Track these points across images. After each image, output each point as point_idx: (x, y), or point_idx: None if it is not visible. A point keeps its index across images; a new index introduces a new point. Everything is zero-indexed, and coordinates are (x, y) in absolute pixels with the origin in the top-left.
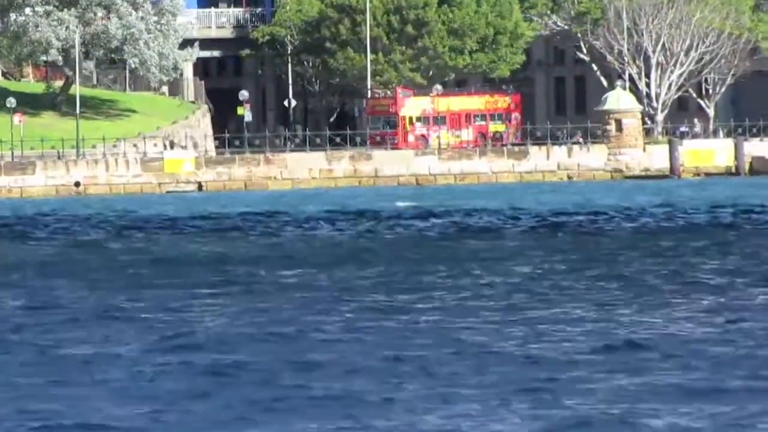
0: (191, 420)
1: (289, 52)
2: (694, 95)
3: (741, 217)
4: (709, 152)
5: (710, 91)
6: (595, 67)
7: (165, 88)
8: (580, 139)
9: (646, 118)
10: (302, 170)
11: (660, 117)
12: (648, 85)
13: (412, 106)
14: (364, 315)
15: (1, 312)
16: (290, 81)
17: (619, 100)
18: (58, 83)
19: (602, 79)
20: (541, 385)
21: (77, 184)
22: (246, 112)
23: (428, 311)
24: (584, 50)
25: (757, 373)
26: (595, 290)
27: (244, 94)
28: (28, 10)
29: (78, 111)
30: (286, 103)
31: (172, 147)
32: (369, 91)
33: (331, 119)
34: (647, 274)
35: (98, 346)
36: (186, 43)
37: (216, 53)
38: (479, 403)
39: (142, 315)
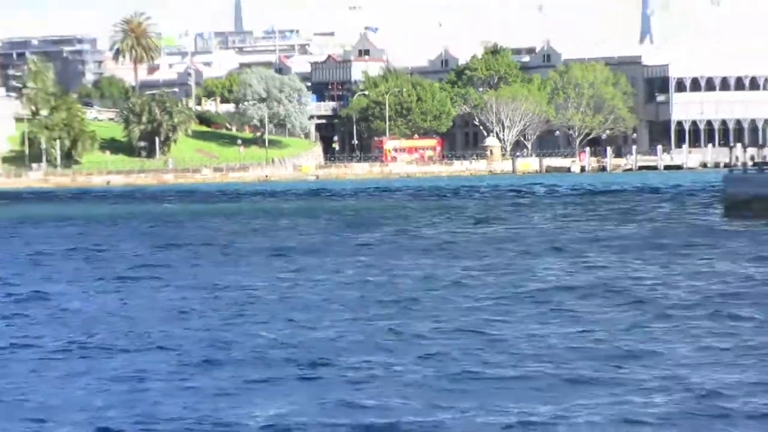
0: None
1: (354, 120)
2: (523, 139)
3: (523, 188)
4: (529, 163)
5: (529, 137)
6: (482, 128)
7: (302, 135)
8: (475, 157)
9: (503, 149)
10: (360, 171)
11: (508, 148)
12: (503, 134)
13: (390, 144)
14: None
15: None
16: (355, 133)
17: (492, 141)
18: (258, 134)
19: (485, 132)
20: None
21: (266, 176)
22: (336, 146)
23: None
24: (477, 120)
25: None
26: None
27: (335, 139)
28: (246, 103)
29: (266, 146)
30: (353, 142)
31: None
32: (382, 138)
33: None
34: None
35: None
36: (311, 117)
37: (323, 121)
38: None
39: None
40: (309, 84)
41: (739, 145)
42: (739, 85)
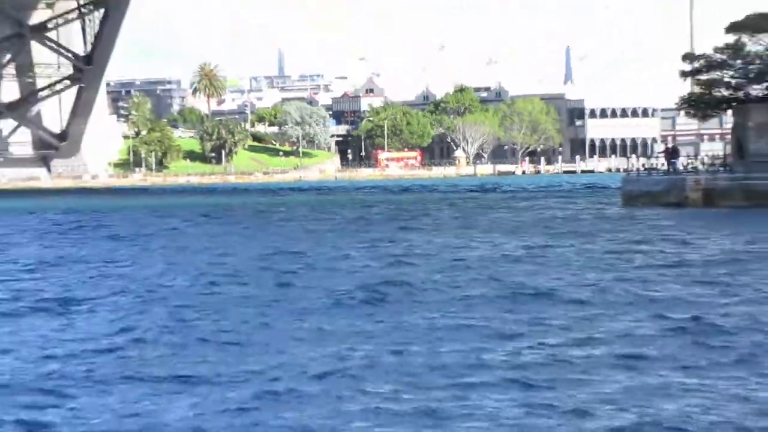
0: None
1: (362, 138)
2: (481, 152)
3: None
4: (487, 169)
5: (486, 150)
6: (452, 144)
7: (326, 149)
8: (448, 164)
9: (467, 159)
10: (365, 174)
11: (471, 158)
12: (467, 148)
13: (383, 155)
14: None
15: None
16: (363, 148)
17: (459, 153)
18: (295, 147)
19: (454, 146)
20: None
21: (300, 177)
22: (350, 156)
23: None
24: (449, 138)
25: None
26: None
27: (348, 151)
28: (286, 126)
29: (300, 156)
30: (361, 154)
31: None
32: (377, 151)
33: None
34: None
35: None
36: (332, 136)
37: (341, 138)
38: None
39: None
40: (331, 112)
41: (634, 155)
42: (634, 113)
